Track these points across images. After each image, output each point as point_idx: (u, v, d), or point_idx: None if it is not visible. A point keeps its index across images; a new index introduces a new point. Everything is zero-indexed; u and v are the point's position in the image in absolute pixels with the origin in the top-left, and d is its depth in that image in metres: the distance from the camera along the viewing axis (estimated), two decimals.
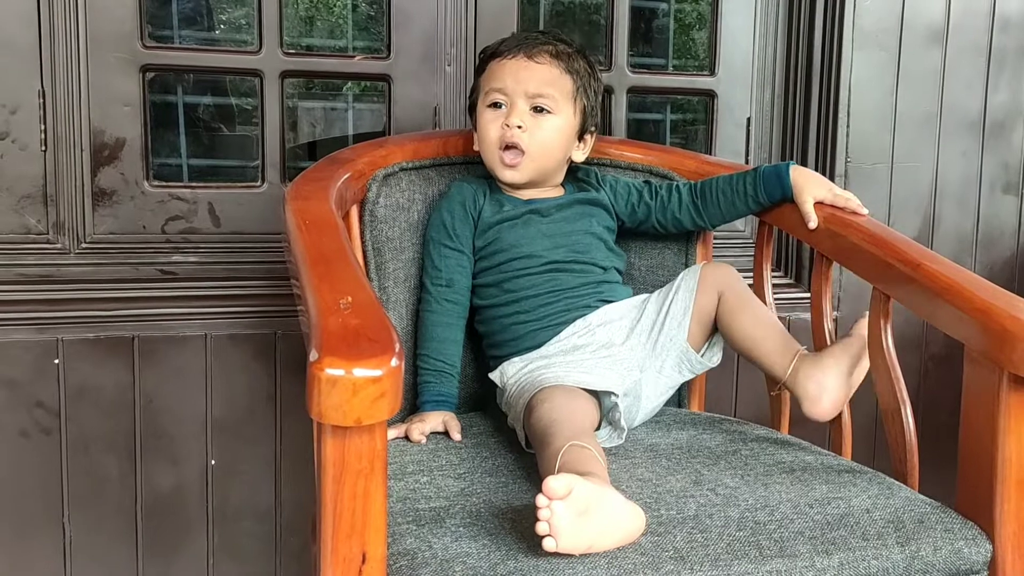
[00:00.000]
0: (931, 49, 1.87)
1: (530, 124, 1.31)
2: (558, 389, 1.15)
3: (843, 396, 1.20)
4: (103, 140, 1.53)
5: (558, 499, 0.86)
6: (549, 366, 1.24)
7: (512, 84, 1.31)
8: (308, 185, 1.18)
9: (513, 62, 1.32)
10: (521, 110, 1.30)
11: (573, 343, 1.29)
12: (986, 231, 1.97)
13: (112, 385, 1.51)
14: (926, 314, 1.11)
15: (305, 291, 0.90)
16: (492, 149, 1.32)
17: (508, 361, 1.31)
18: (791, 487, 1.07)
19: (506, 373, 1.29)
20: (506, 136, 1.30)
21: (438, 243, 1.34)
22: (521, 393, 1.20)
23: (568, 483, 0.87)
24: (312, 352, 0.77)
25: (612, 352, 1.27)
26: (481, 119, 1.34)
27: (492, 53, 1.35)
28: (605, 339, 1.29)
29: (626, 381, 1.25)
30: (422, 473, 1.11)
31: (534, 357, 1.29)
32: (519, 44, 1.33)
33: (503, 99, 1.32)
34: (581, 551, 0.88)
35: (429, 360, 1.30)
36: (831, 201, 1.31)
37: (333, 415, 0.75)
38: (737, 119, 1.87)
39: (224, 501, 1.58)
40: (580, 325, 1.30)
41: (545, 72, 1.32)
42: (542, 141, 1.32)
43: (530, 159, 1.31)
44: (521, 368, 1.27)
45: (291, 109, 1.74)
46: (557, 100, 1.32)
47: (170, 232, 1.58)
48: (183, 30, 1.66)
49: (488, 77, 1.34)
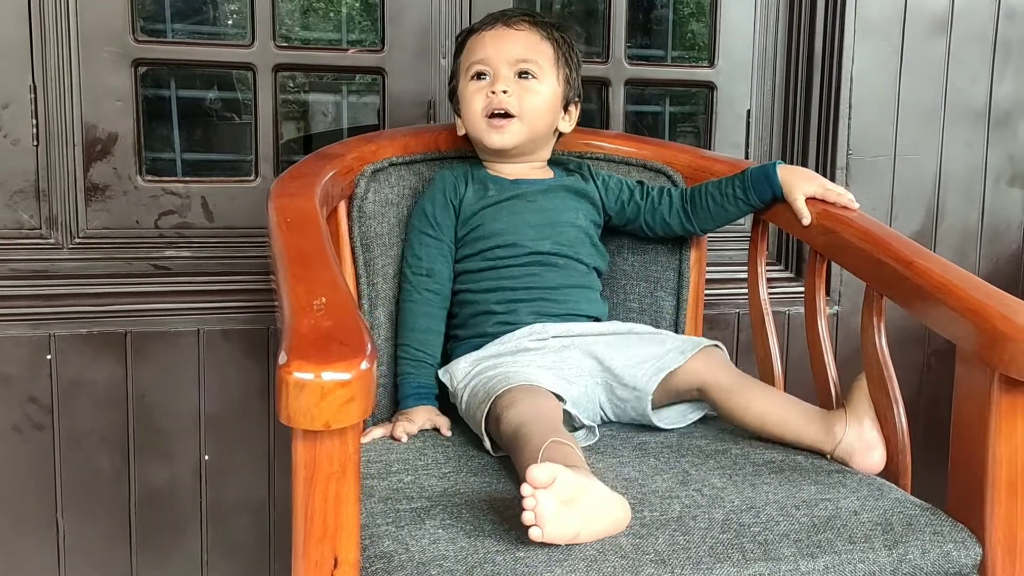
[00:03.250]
0: (935, 39, 1.84)
1: (516, 89, 1.30)
2: (519, 391, 1.12)
3: (883, 443, 1.16)
4: (95, 135, 1.52)
5: (542, 488, 0.86)
6: (496, 366, 1.22)
7: (494, 53, 1.30)
8: (293, 182, 1.16)
9: (492, 32, 1.32)
10: (506, 76, 1.30)
11: (523, 344, 1.27)
12: (991, 224, 1.94)
13: (105, 380, 1.51)
14: (918, 313, 1.09)
15: (281, 290, 0.89)
16: (478, 118, 1.31)
17: (455, 362, 1.29)
18: (779, 488, 1.06)
19: (455, 376, 1.27)
20: (493, 103, 1.29)
21: (419, 232, 1.33)
22: (476, 400, 1.18)
23: (551, 472, 0.87)
24: (282, 354, 0.76)
25: (562, 357, 1.26)
26: (464, 93, 1.33)
27: (470, 31, 1.35)
28: (557, 347, 1.27)
29: (573, 388, 1.23)
30: (407, 472, 1.10)
31: (482, 357, 1.27)
32: (497, 16, 1.34)
33: (486, 69, 1.31)
34: (567, 540, 0.88)
35: (409, 350, 1.29)
36: (822, 196, 1.29)
37: (301, 419, 0.74)
38: (737, 111, 1.85)
39: (218, 497, 1.58)
40: (536, 328, 1.28)
41: (525, 38, 1.32)
42: (532, 105, 1.31)
43: (519, 122, 1.30)
44: (469, 371, 1.25)
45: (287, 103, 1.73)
46: (541, 66, 1.31)
47: (163, 227, 1.57)
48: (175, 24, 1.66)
49: (468, 53, 1.33)
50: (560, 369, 1.25)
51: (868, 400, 1.18)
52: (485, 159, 1.38)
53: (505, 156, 1.34)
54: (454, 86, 1.36)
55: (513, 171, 1.36)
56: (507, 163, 1.36)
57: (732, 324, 1.81)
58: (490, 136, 1.31)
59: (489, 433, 1.14)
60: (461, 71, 1.34)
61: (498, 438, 1.12)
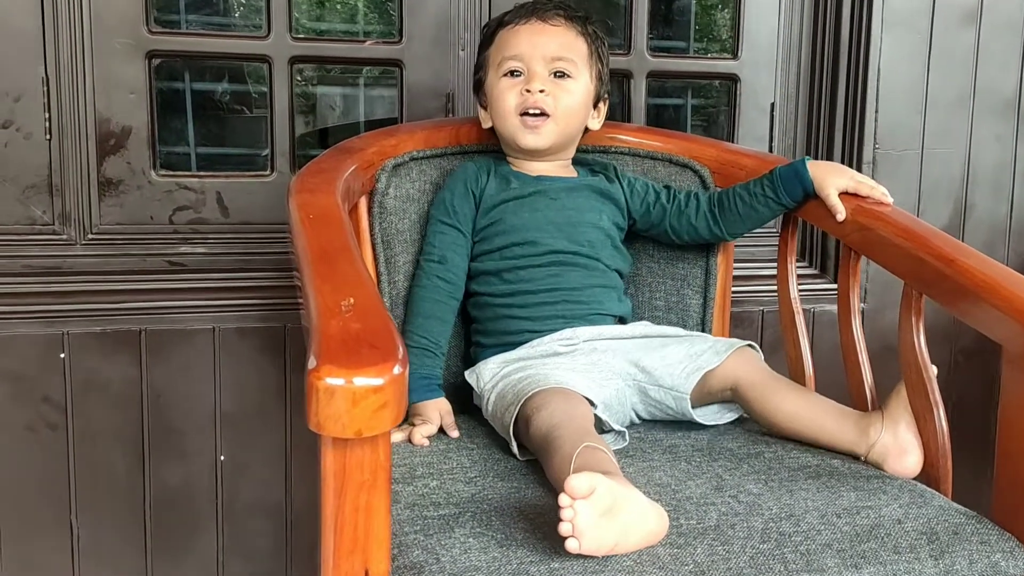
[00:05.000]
0: (964, 29, 1.80)
1: (552, 89, 1.27)
2: (550, 393, 1.09)
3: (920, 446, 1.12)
4: (109, 128, 1.49)
5: (581, 498, 0.83)
6: (526, 368, 1.19)
7: (529, 49, 1.27)
8: (314, 177, 1.13)
9: (527, 27, 1.28)
10: (541, 75, 1.27)
11: (554, 348, 1.24)
12: (1020, 219, 1.90)
13: (119, 379, 1.48)
14: (961, 312, 1.05)
15: (306, 290, 0.86)
16: (511, 116, 1.28)
17: (483, 363, 1.26)
18: (817, 494, 1.02)
19: (482, 377, 1.24)
20: (528, 102, 1.26)
21: (435, 219, 1.30)
22: (504, 403, 1.15)
23: (591, 482, 0.84)
24: (311, 358, 0.73)
25: (593, 359, 1.23)
26: (496, 89, 1.29)
27: (499, 23, 1.31)
28: (588, 349, 1.24)
29: (605, 391, 1.20)
30: (431, 477, 1.07)
31: (511, 359, 1.24)
32: (530, 10, 1.30)
33: (520, 66, 1.27)
34: (605, 552, 0.85)
35: (413, 337, 1.25)
36: (855, 190, 1.25)
37: (332, 427, 0.71)
38: (761, 104, 1.81)
39: (233, 497, 1.55)
40: (567, 334, 1.25)
41: (561, 35, 1.28)
42: (567, 105, 1.28)
43: (554, 122, 1.27)
44: (497, 372, 1.22)
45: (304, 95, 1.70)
46: (576, 64, 1.29)
47: (178, 222, 1.54)
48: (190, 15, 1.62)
49: (500, 47, 1.30)
50: (591, 372, 1.21)
51: (905, 402, 1.14)
52: (510, 155, 1.34)
53: (535, 156, 1.31)
54: (480, 78, 1.33)
55: (537, 167, 1.33)
56: (532, 160, 1.32)
57: (756, 322, 1.77)
58: (524, 136, 1.28)
59: (517, 436, 1.11)
60: (490, 64, 1.30)
61: (527, 441, 1.09)
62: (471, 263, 1.30)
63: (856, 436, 1.13)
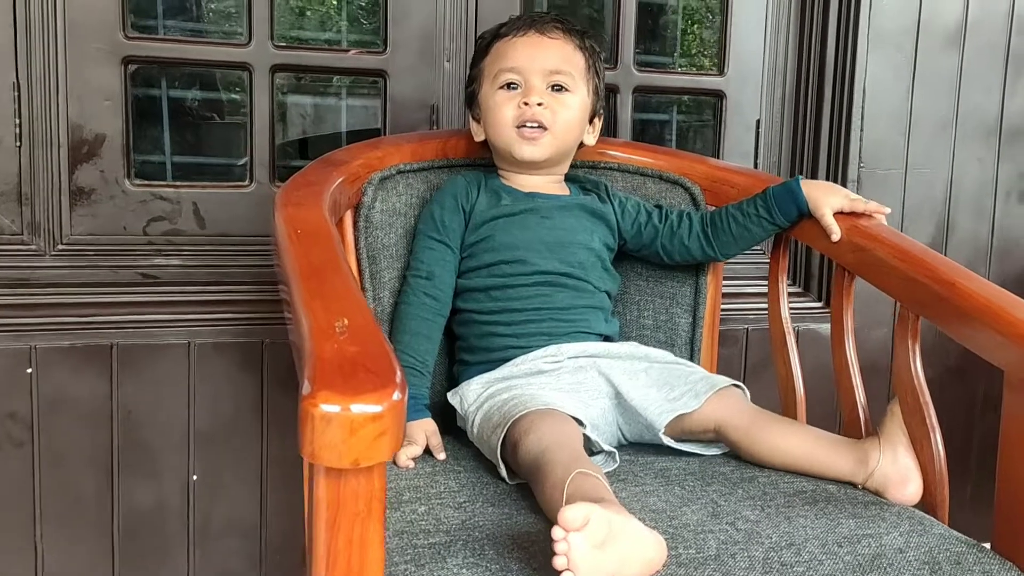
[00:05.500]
0: (948, 51, 1.80)
1: (550, 102, 1.24)
2: (539, 415, 1.06)
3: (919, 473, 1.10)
4: (82, 136, 1.44)
5: (575, 530, 0.79)
6: (511, 388, 1.16)
7: (527, 62, 1.24)
8: (300, 190, 1.09)
9: (525, 39, 1.26)
10: (539, 88, 1.24)
11: (538, 367, 1.21)
12: (1001, 241, 1.90)
13: (89, 396, 1.43)
14: (960, 336, 1.04)
15: (297, 309, 0.82)
16: (507, 129, 1.25)
17: (465, 384, 1.23)
18: (816, 521, 1.00)
19: (466, 399, 1.21)
20: (526, 115, 1.23)
21: (423, 234, 1.27)
22: (490, 425, 1.11)
23: (585, 513, 0.80)
24: (304, 384, 0.69)
25: (579, 379, 1.20)
26: (491, 102, 1.26)
27: (495, 35, 1.28)
28: (573, 367, 1.21)
29: (591, 410, 1.17)
30: (419, 502, 1.03)
31: (495, 379, 1.21)
32: (528, 22, 1.27)
33: (517, 79, 1.25)
34: None
35: (401, 356, 1.21)
36: (850, 209, 1.24)
37: (328, 456, 0.67)
38: (746, 121, 1.80)
39: (206, 518, 1.50)
40: (551, 350, 1.22)
41: (560, 48, 1.26)
42: (565, 120, 1.25)
43: (552, 136, 1.25)
44: (481, 393, 1.19)
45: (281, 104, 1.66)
46: (574, 77, 1.26)
47: (152, 234, 1.49)
48: (168, 20, 1.58)
49: (496, 58, 1.27)
50: (577, 392, 1.19)
51: (902, 427, 1.12)
52: (502, 168, 1.32)
53: (530, 168, 1.28)
54: (473, 91, 1.30)
55: (529, 183, 1.30)
56: (525, 174, 1.30)
57: (740, 340, 1.75)
58: (521, 147, 1.25)
59: (505, 459, 1.08)
60: (485, 76, 1.28)
61: (515, 465, 1.06)
62: (458, 279, 1.26)
63: (853, 465, 1.11)
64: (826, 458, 1.12)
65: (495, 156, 1.32)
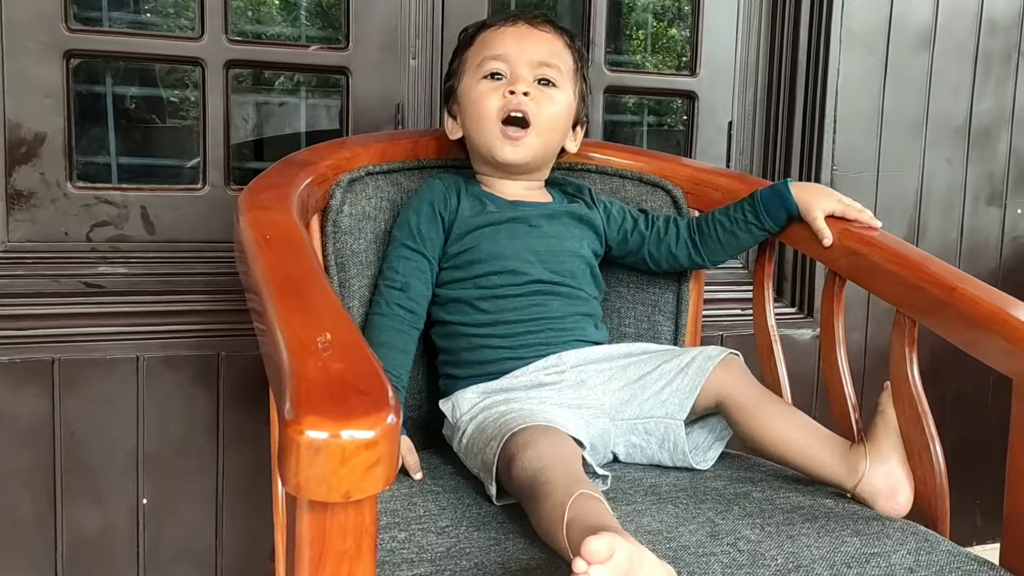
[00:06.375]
0: (919, 52, 1.78)
1: (537, 95, 1.18)
2: (537, 430, 1.00)
3: (911, 483, 1.07)
4: (20, 135, 1.34)
5: (599, 563, 0.73)
6: (509, 401, 1.10)
7: (515, 51, 1.18)
8: (265, 192, 1.01)
9: (514, 29, 1.20)
10: (527, 79, 1.18)
11: (539, 379, 1.15)
12: (970, 243, 1.89)
13: (28, 414, 1.32)
14: (964, 344, 1.00)
15: (271, 324, 0.74)
16: (491, 123, 1.18)
17: (460, 392, 1.16)
18: (819, 540, 0.95)
19: (459, 407, 1.14)
20: (511, 104, 1.16)
21: (399, 242, 1.19)
22: (484, 437, 1.05)
23: (610, 545, 0.74)
24: (287, 407, 0.61)
25: (581, 395, 1.14)
26: (474, 92, 1.19)
27: (481, 26, 1.23)
28: (576, 380, 1.15)
29: (591, 429, 1.12)
30: (398, 528, 0.95)
31: (492, 389, 1.14)
32: (517, 14, 1.22)
33: (503, 68, 1.18)
34: None
35: None
36: (842, 213, 1.19)
37: (316, 489, 0.59)
38: (718, 123, 1.75)
39: (157, 544, 1.40)
40: (552, 360, 1.16)
41: (549, 42, 1.21)
42: (550, 115, 1.19)
43: (536, 134, 1.18)
44: (477, 403, 1.12)
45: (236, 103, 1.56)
46: (562, 73, 1.21)
47: (96, 240, 1.39)
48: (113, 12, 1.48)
49: (481, 47, 1.20)
50: (579, 408, 1.12)
51: (896, 436, 1.08)
52: (481, 172, 1.25)
53: (510, 172, 1.22)
54: (452, 85, 1.23)
55: (511, 191, 1.23)
56: (506, 179, 1.23)
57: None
58: (503, 149, 1.18)
59: (496, 475, 1.01)
60: (468, 67, 1.21)
61: (508, 482, 0.99)
62: (438, 289, 1.19)
63: (844, 470, 1.07)
64: (820, 454, 1.09)
65: (473, 159, 1.25)
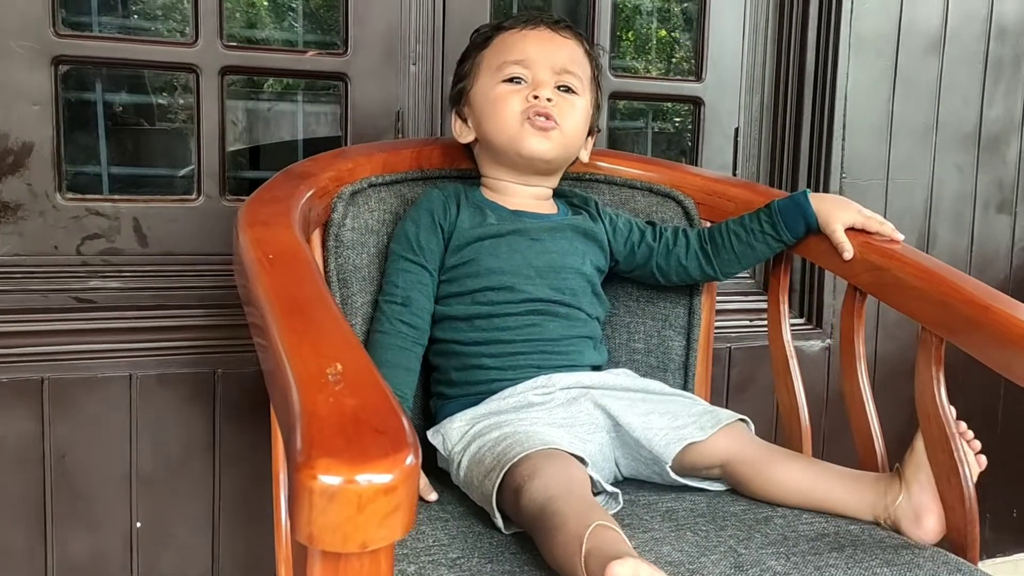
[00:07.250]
0: (928, 58, 1.75)
1: (559, 101, 1.14)
2: (540, 457, 0.95)
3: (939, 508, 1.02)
4: (6, 145, 1.29)
5: None
6: (501, 425, 1.05)
7: (537, 55, 1.14)
8: (266, 206, 0.96)
9: (536, 33, 1.16)
10: (549, 85, 1.14)
11: (528, 399, 1.10)
12: (980, 251, 1.86)
13: (16, 435, 1.27)
14: (998, 364, 0.95)
15: (274, 350, 0.69)
16: (514, 120, 1.14)
17: (447, 421, 1.11)
18: (849, 571, 0.90)
19: (449, 439, 1.09)
20: (536, 107, 1.13)
21: (398, 256, 1.15)
22: (482, 469, 1.00)
23: (635, 569, 0.73)
24: (297, 448, 0.56)
25: (572, 412, 1.10)
26: (493, 93, 1.15)
27: (497, 27, 1.18)
28: (565, 399, 1.11)
29: (589, 446, 1.07)
30: (407, 560, 0.91)
31: (480, 415, 1.09)
32: (538, 17, 1.18)
33: (524, 73, 1.14)
34: None
35: None
36: (863, 225, 1.15)
37: (330, 539, 0.55)
38: (725, 129, 1.71)
39: (151, 570, 1.35)
40: (541, 381, 1.12)
41: (571, 49, 1.17)
42: (572, 122, 1.16)
43: (562, 134, 1.14)
44: (466, 432, 1.07)
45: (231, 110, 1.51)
46: (582, 81, 1.17)
47: (87, 253, 1.34)
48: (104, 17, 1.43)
49: (500, 50, 1.16)
50: (572, 426, 1.08)
51: (922, 460, 1.04)
52: (490, 177, 1.20)
53: (533, 167, 1.17)
54: (463, 87, 1.18)
55: (515, 200, 1.19)
56: (518, 183, 1.19)
57: (724, 360, 1.66)
58: (530, 139, 1.13)
59: (501, 507, 0.96)
60: (484, 69, 1.16)
61: (515, 514, 0.94)
62: (435, 305, 1.14)
63: (873, 499, 1.03)
64: (844, 496, 1.05)
65: (484, 163, 1.20)
